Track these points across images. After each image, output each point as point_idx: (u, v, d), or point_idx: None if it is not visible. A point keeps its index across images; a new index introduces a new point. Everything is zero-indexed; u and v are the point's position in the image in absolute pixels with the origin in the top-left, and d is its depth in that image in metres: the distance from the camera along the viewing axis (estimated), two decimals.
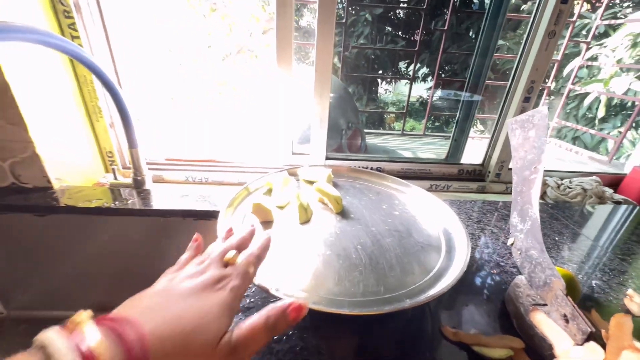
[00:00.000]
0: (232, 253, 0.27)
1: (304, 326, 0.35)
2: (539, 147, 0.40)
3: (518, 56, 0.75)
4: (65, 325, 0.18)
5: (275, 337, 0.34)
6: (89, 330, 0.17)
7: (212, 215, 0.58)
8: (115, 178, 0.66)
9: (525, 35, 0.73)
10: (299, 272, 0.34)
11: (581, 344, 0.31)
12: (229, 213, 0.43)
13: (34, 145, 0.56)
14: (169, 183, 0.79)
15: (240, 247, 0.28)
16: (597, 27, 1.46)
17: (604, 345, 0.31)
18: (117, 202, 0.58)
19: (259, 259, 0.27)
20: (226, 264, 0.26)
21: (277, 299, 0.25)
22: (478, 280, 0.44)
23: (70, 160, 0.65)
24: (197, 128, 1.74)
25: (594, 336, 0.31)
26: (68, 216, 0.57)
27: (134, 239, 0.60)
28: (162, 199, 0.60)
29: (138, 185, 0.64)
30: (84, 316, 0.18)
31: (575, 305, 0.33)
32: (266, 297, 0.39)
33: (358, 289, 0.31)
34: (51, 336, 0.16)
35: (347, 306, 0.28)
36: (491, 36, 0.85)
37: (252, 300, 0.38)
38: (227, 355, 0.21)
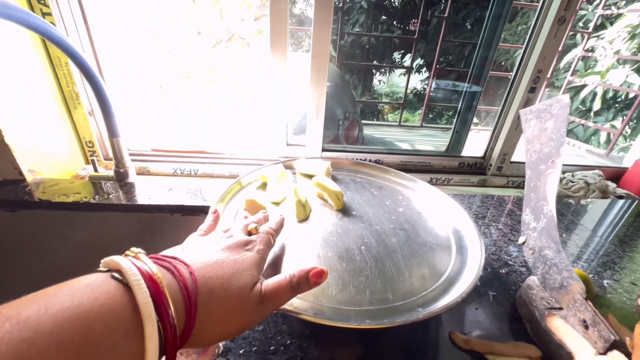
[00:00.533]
0: (253, 225, 0.29)
1: (303, 334, 0.32)
2: (557, 140, 0.37)
3: (524, 45, 0.71)
4: (124, 254, 0.19)
5: (271, 348, 0.31)
6: (146, 260, 0.19)
7: (201, 211, 0.54)
8: (96, 170, 0.61)
9: (532, 23, 0.69)
10: None
11: (604, 353, 0.29)
12: (220, 209, 0.39)
13: (2, 134, 0.51)
14: (155, 175, 0.75)
15: (259, 223, 0.31)
16: (598, 18, 1.44)
17: (627, 355, 0.28)
18: (97, 197, 0.53)
19: (276, 232, 0.31)
20: (249, 234, 0.28)
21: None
22: (486, 281, 0.41)
23: (45, 151, 0.60)
24: (187, 117, 1.67)
25: (617, 344, 0.29)
26: (43, 212, 0.52)
27: (115, 236, 0.56)
28: (147, 193, 0.56)
29: (120, 178, 0.59)
30: (139, 250, 0.20)
31: (596, 310, 0.30)
32: None
33: (364, 297, 0.28)
34: (117, 259, 0.18)
35: (354, 317, 0.25)
36: (496, 26, 0.82)
37: None
38: (257, 303, 0.22)
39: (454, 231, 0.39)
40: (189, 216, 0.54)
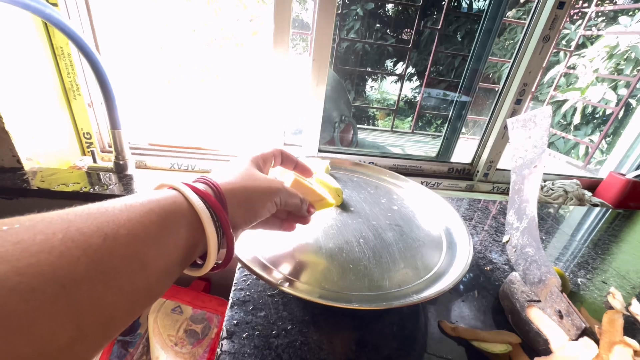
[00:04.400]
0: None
1: (304, 320, 0.34)
2: (540, 147, 0.41)
3: (512, 60, 0.76)
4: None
5: (273, 332, 0.32)
6: (185, 180, 0.24)
7: None
8: (95, 161, 0.61)
9: (520, 39, 0.74)
10: (302, 264, 0.33)
11: (575, 339, 0.32)
12: None
13: (2, 121, 0.51)
14: (152, 170, 0.75)
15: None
16: (579, 37, 1.52)
17: (596, 341, 0.32)
18: (96, 187, 0.54)
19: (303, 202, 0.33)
20: None
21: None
22: (472, 277, 0.44)
23: (43, 140, 0.60)
24: (183, 114, 1.67)
25: (587, 332, 0.32)
26: (40, 200, 0.53)
27: None
28: (147, 184, 0.57)
29: (120, 169, 0.60)
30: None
31: (570, 301, 0.34)
32: (262, 290, 0.37)
33: (363, 283, 0.30)
34: (166, 180, 0.24)
35: (355, 301, 0.27)
36: (487, 40, 0.86)
37: (248, 293, 0.37)
38: (279, 204, 0.28)
39: (444, 229, 0.42)
40: None
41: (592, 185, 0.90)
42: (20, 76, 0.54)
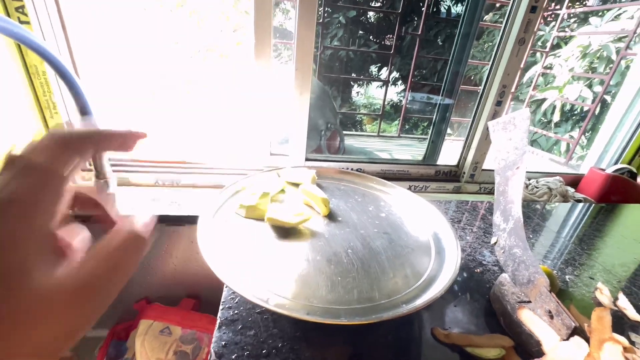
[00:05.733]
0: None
1: (295, 336, 0.33)
2: (520, 148, 0.41)
3: (490, 62, 0.78)
4: None
5: (263, 351, 0.31)
6: None
7: (186, 221, 0.54)
8: (74, 181, 0.59)
9: (497, 42, 0.76)
10: (289, 279, 0.32)
11: (566, 339, 0.32)
12: (208, 219, 0.39)
13: None
14: (136, 186, 0.73)
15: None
16: (554, 38, 1.58)
17: (587, 339, 0.32)
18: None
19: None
20: None
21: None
22: (463, 280, 0.44)
23: None
24: (168, 127, 1.64)
25: (578, 331, 0.32)
26: None
27: None
28: (130, 203, 0.55)
29: (100, 189, 0.58)
30: None
31: (559, 301, 0.34)
32: (251, 307, 0.36)
33: (352, 296, 0.30)
34: None
35: (344, 315, 0.27)
36: (465, 43, 0.88)
37: (237, 311, 0.35)
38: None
39: (432, 234, 0.42)
40: (175, 226, 0.54)
41: (575, 181, 0.93)
42: None
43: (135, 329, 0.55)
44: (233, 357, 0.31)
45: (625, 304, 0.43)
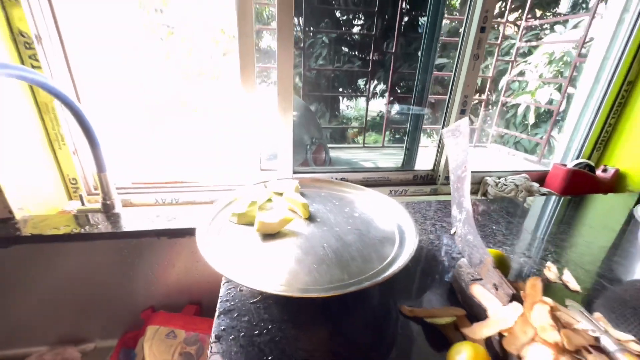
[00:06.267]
0: None
1: (282, 319, 0.39)
2: (465, 150, 0.49)
3: (452, 74, 0.87)
4: None
5: (256, 332, 0.37)
6: None
7: (187, 233, 0.60)
8: (83, 204, 0.65)
9: (456, 57, 0.86)
10: (277, 271, 0.39)
11: (506, 305, 0.39)
12: (205, 226, 0.46)
13: None
14: (139, 206, 0.80)
15: None
16: (518, 48, 1.71)
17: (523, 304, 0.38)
18: (86, 227, 0.58)
19: None
20: None
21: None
22: (430, 267, 0.51)
23: (32, 190, 0.64)
24: (164, 150, 1.71)
25: (516, 297, 0.39)
26: (32, 246, 0.56)
27: (105, 263, 0.60)
28: (134, 220, 0.61)
29: (107, 209, 0.65)
30: None
31: (501, 275, 0.41)
32: (245, 299, 0.42)
33: (326, 278, 0.36)
34: None
35: (319, 293, 0.33)
36: (429, 55, 0.98)
37: (232, 303, 0.42)
38: None
39: (398, 228, 0.49)
40: (176, 238, 0.60)
41: (542, 177, 1.01)
42: (9, 133, 0.59)
43: (143, 335, 0.60)
44: (231, 337, 0.37)
45: (568, 278, 0.50)
